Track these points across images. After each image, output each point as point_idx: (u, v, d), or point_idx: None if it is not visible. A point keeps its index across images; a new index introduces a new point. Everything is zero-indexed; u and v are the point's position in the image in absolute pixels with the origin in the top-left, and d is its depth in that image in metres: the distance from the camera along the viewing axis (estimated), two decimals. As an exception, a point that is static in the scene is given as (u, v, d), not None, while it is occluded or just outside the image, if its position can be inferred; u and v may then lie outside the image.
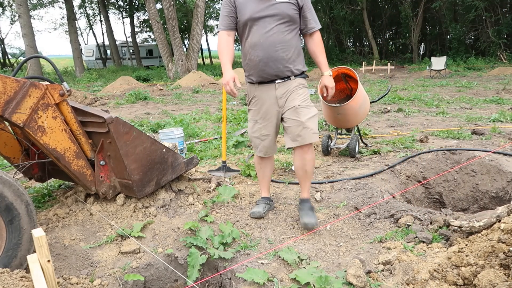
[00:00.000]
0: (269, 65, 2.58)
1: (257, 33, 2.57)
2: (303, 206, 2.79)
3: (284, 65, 2.60)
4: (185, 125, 6.11)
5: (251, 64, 2.66)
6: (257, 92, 2.73)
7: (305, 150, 2.65)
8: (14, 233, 2.10)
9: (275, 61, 2.58)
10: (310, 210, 2.75)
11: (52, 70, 27.08)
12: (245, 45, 2.67)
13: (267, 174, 3.01)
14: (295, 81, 2.67)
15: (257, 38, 2.57)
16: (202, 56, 40.19)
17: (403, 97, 9.35)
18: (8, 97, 2.24)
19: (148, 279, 2.44)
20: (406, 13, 24.88)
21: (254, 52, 2.60)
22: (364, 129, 5.69)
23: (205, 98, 11.64)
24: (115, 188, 2.90)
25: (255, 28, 2.57)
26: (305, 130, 2.58)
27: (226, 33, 2.67)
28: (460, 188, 3.82)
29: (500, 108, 7.21)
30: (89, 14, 38.67)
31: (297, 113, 2.60)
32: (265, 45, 2.55)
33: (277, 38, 2.55)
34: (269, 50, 2.55)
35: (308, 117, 2.60)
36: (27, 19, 19.06)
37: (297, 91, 2.65)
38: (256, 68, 2.62)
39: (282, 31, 2.57)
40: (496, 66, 17.40)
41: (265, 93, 2.69)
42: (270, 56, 2.56)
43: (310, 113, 2.63)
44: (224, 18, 2.67)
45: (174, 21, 18.13)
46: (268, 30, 2.55)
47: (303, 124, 2.58)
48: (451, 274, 1.93)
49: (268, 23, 2.55)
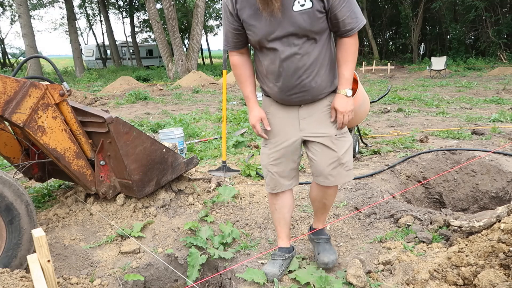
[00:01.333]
0: (293, 96, 1.99)
1: (273, 59, 1.93)
2: (319, 239, 2.30)
3: (313, 94, 1.99)
4: (185, 125, 6.11)
5: (269, 85, 2.05)
6: (273, 108, 2.10)
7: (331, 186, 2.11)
8: (14, 233, 2.10)
9: (301, 89, 1.97)
10: (328, 243, 2.29)
11: (52, 70, 27.08)
12: (260, 64, 2.04)
13: (285, 216, 2.26)
14: (327, 99, 2.05)
15: (273, 66, 1.94)
16: (202, 56, 40.22)
17: (403, 97, 9.35)
18: (8, 97, 2.24)
19: (148, 279, 2.44)
20: (406, 13, 24.87)
21: (273, 80, 1.99)
22: (364, 129, 5.69)
23: (205, 98, 11.64)
24: (115, 188, 2.90)
25: (269, 53, 1.93)
26: (340, 168, 2.02)
27: (237, 53, 2.08)
28: (460, 188, 3.82)
29: (500, 108, 7.21)
30: (89, 14, 38.70)
31: (333, 144, 2.00)
32: (286, 74, 1.93)
33: (301, 63, 1.90)
34: (291, 80, 1.94)
35: (345, 150, 2.03)
36: (27, 19, 19.06)
37: (330, 114, 2.04)
38: (276, 95, 2.04)
39: (305, 53, 1.89)
40: (496, 66, 17.40)
41: (283, 111, 2.07)
42: (293, 86, 1.95)
43: (347, 144, 2.05)
44: (231, 35, 2.01)
45: (174, 21, 18.13)
46: (287, 56, 1.89)
47: (340, 160, 2.01)
48: (451, 274, 1.93)
49: (285, 46, 1.88)
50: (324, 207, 2.23)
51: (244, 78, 2.10)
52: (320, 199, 2.19)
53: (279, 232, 2.31)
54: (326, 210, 2.28)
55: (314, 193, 2.20)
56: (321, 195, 2.16)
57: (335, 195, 2.20)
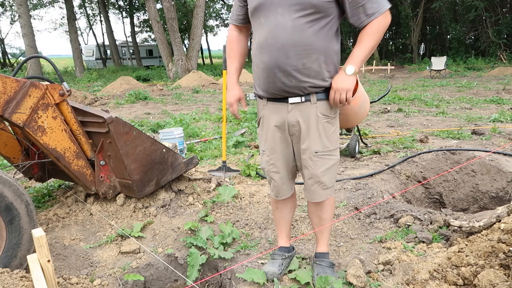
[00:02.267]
0: (277, 77, 1.82)
1: (265, 28, 1.81)
2: (322, 261, 2.13)
3: (301, 79, 1.81)
4: (185, 125, 6.11)
5: (256, 71, 1.94)
6: (265, 112, 2.00)
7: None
8: (14, 233, 2.10)
9: (284, 72, 1.80)
10: (331, 269, 2.12)
11: (52, 70, 27.08)
12: (253, 45, 1.95)
13: (286, 216, 2.24)
14: (317, 108, 1.87)
15: (264, 36, 1.81)
16: (202, 56, 40.22)
17: (403, 97, 9.36)
18: (8, 97, 2.24)
19: (148, 279, 2.44)
20: (406, 13, 24.88)
21: (259, 56, 1.87)
22: (364, 129, 5.69)
23: (205, 98, 11.64)
24: (115, 188, 2.90)
25: (263, 20, 1.81)
26: (316, 186, 1.96)
27: (236, 28, 2.05)
28: (460, 188, 3.82)
29: (500, 108, 7.21)
30: (89, 14, 38.70)
31: (312, 161, 1.92)
32: (274, 48, 1.79)
33: (291, 37, 1.75)
34: (277, 55, 1.79)
35: (324, 169, 1.93)
36: (27, 19, 19.06)
37: (317, 127, 1.89)
38: (261, 77, 1.90)
39: (301, 28, 1.74)
40: (496, 66, 17.41)
41: (274, 114, 1.95)
42: (277, 63, 1.80)
43: (328, 163, 1.94)
44: (236, 8, 2.02)
45: (174, 21, 18.13)
46: (281, 25, 1.76)
47: (316, 178, 1.94)
48: (451, 274, 1.94)
49: (280, 14, 1.75)
50: (321, 222, 2.12)
51: (234, 53, 2.07)
52: (315, 212, 2.12)
53: (279, 231, 2.30)
54: (326, 227, 2.14)
55: (309, 207, 2.16)
56: (315, 208, 2.11)
57: (332, 209, 2.13)
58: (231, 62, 2.08)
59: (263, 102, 2.00)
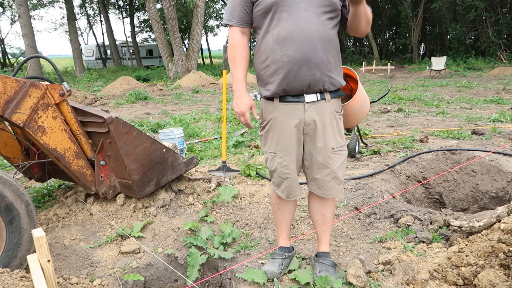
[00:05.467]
0: (303, 70, 1.83)
1: (289, 22, 1.80)
2: (324, 261, 2.14)
3: (324, 72, 1.86)
4: (185, 125, 6.11)
5: (273, 67, 1.88)
6: (276, 113, 1.97)
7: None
8: (14, 233, 2.10)
9: (313, 65, 1.83)
10: (333, 268, 2.13)
11: (52, 70, 27.08)
12: (266, 41, 1.89)
13: (287, 216, 2.25)
14: (330, 106, 1.95)
15: (288, 29, 1.80)
16: (202, 56, 40.21)
17: (403, 97, 9.36)
18: (8, 97, 2.24)
19: (148, 279, 2.44)
20: (406, 13, 24.87)
21: (281, 50, 1.83)
22: (364, 129, 5.69)
23: (205, 98, 11.64)
24: (115, 188, 2.90)
25: (285, 15, 1.81)
26: (333, 182, 2.01)
27: (240, 31, 1.97)
28: (460, 188, 3.82)
29: (500, 108, 7.21)
30: (89, 14, 38.69)
31: (330, 158, 1.96)
32: (300, 40, 1.80)
33: (318, 31, 1.80)
34: (306, 48, 1.80)
35: (339, 164, 2.00)
36: (27, 19, 19.05)
37: (331, 124, 1.96)
38: (282, 72, 1.86)
39: (323, 23, 1.82)
40: (496, 66, 17.40)
41: (289, 116, 1.94)
42: (306, 56, 1.81)
43: (341, 158, 2.01)
44: (239, 7, 1.92)
45: (174, 21, 18.13)
46: (307, 18, 1.79)
47: (333, 173, 1.99)
48: (451, 274, 1.94)
49: (304, 9, 1.79)
50: (323, 220, 2.15)
51: (240, 59, 1.98)
52: (318, 210, 2.15)
53: (279, 231, 2.30)
54: (328, 227, 2.18)
55: (311, 204, 2.18)
56: (318, 205, 2.14)
57: (334, 207, 2.20)
58: (238, 69, 2.00)
59: (274, 104, 1.96)
